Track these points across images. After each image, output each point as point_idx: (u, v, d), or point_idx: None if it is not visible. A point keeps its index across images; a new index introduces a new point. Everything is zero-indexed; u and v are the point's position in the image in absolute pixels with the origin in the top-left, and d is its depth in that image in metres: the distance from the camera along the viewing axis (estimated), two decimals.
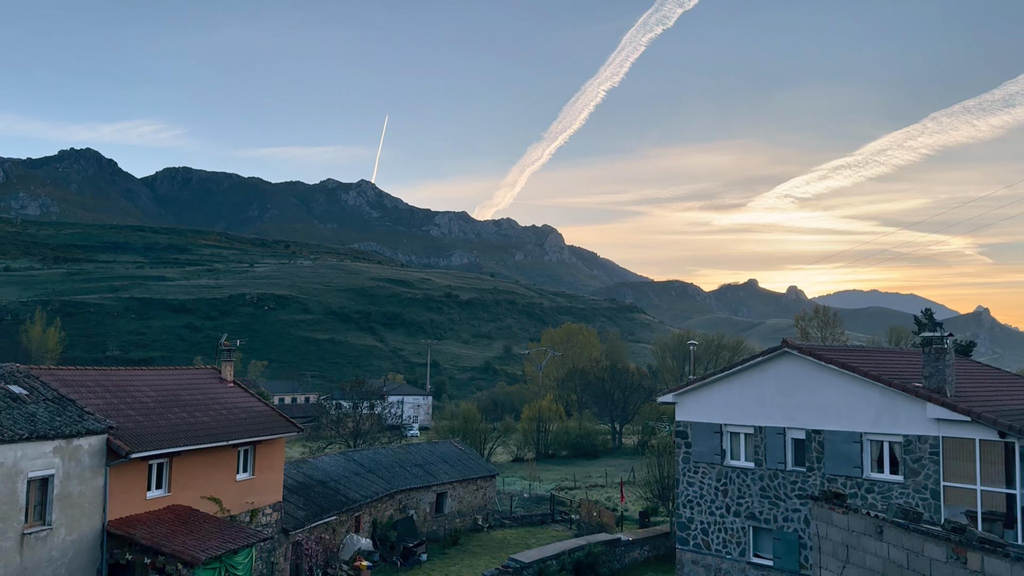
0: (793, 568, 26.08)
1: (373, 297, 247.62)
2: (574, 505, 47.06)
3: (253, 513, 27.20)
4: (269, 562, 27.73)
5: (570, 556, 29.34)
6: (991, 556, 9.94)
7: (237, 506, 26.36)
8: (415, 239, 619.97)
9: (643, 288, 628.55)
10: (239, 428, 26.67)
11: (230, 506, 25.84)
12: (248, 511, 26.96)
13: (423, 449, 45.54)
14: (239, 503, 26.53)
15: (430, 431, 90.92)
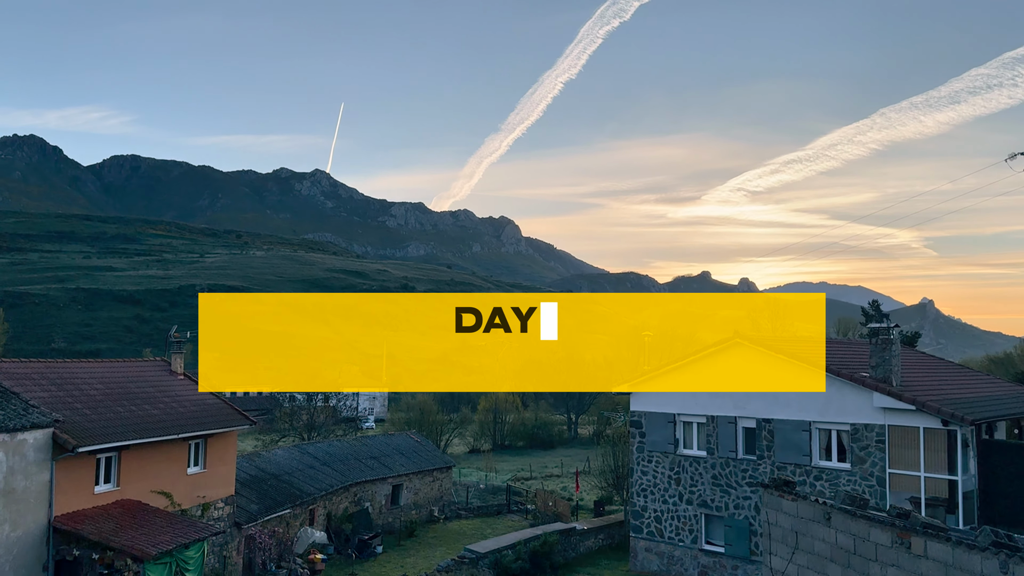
0: (744, 554, 26.60)
1: (328, 288, 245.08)
2: (530, 495, 47.30)
3: (205, 507, 26.81)
4: (222, 556, 27.37)
5: (525, 546, 29.49)
6: (933, 540, 10.25)
7: (188, 500, 25.96)
8: (371, 230, 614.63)
9: (599, 280, 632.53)
10: (190, 421, 26.23)
11: (181, 500, 25.43)
12: (200, 505, 26.56)
13: (379, 441, 45.30)
14: (190, 497, 26.12)
15: (386, 423, 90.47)
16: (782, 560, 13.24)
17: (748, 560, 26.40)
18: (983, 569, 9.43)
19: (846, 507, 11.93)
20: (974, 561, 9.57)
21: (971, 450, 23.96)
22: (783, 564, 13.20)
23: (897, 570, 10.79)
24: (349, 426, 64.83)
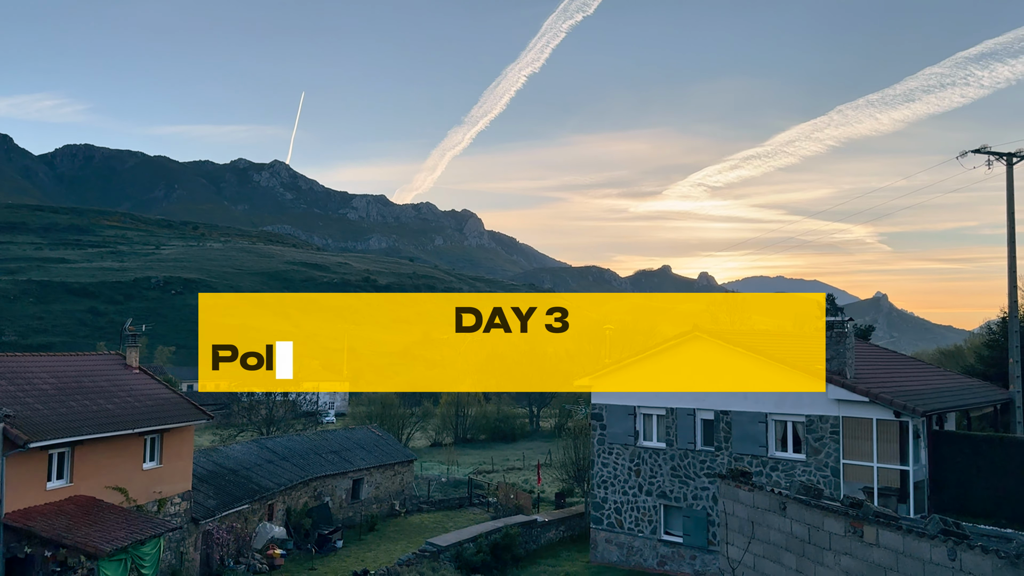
0: (702, 544, 26.97)
1: (287, 281, 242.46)
2: (492, 488, 47.39)
3: (161, 503, 26.41)
4: (178, 552, 27.00)
5: (487, 538, 29.55)
6: (885, 529, 10.51)
7: (144, 496, 25.54)
8: (332, 222, 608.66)
9: (561, 273, 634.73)
10: (145, 416, 25.80)
11: (137, 496, 25.02)
12: (156, 501, 26.16)
13: (339, 435, 45.01)
14: (146, 493, 25.71)
15: (347, 417, 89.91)
16: (739, 549, 13.47)
17: (706, 550, 26.78)
18: (932, 556, 9.69)
19: (801, 497, 12.17)
20: (924, 549, 9.83)
21: (922, 441, 24.57)
22: (740, 553, 13.43)
23: (850, 558, 11.04)
24: (309, 420, 64.21)
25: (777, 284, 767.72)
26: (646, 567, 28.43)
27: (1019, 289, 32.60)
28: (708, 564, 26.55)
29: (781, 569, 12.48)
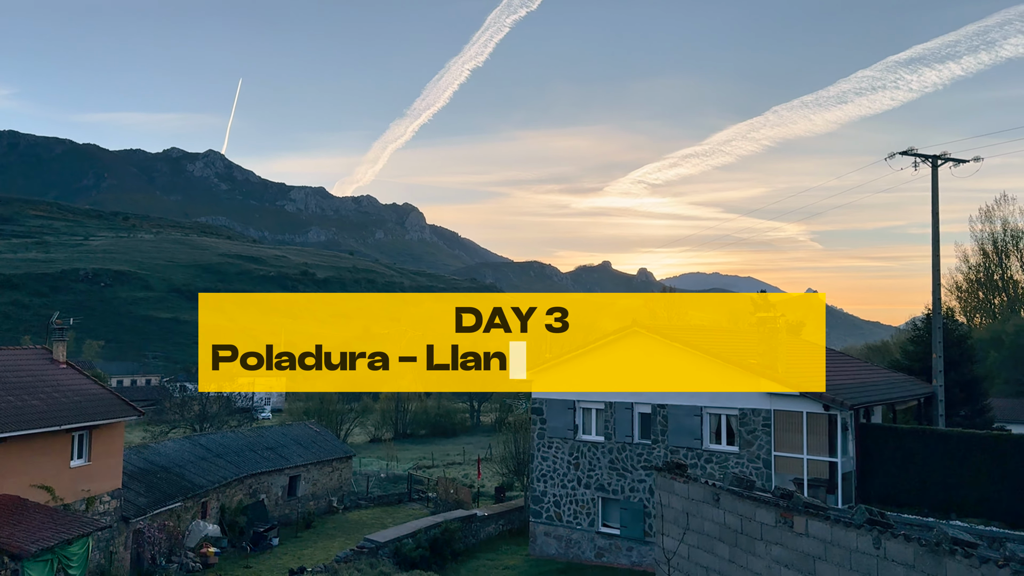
0: (638, 536, 27.41)
1: (222, 274, 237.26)
2: (431, 483, 47.28)
3: (89, 501, 25.62)
4: (108, 552, 26.24)
5: (426, 533, 29.51)
6: (814, 519, 10.85)
7: (71, 494, 24.75)
8: (268, 214, 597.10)
9: (503, 268, 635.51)
10: (73, 412, 24.97)
11: (63, 494, 24.23)
12: (84, 499, 25.36)
13: (275, 432, 44.31)
14: (74, 491, 24.92)
15: (284, 413, 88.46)
16: (674, 540, 13.73)
17: (642, 541, 27.23)
18: (858, 545, 10.04)
19: (734, 489, 12.47)
20: (850, 538, 10.18)
21: (850, 433, 25.40)
22: (675, 544, 13.69)
23: (781, 548, 11.37)
24: (244, 416, 63.07)
25: (713, 280, 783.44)
26: (584, 559, 28.76)
27: (943, 287, 33.92)
28: (644, 555, 27.00)
29: (715, 559, 12.78)
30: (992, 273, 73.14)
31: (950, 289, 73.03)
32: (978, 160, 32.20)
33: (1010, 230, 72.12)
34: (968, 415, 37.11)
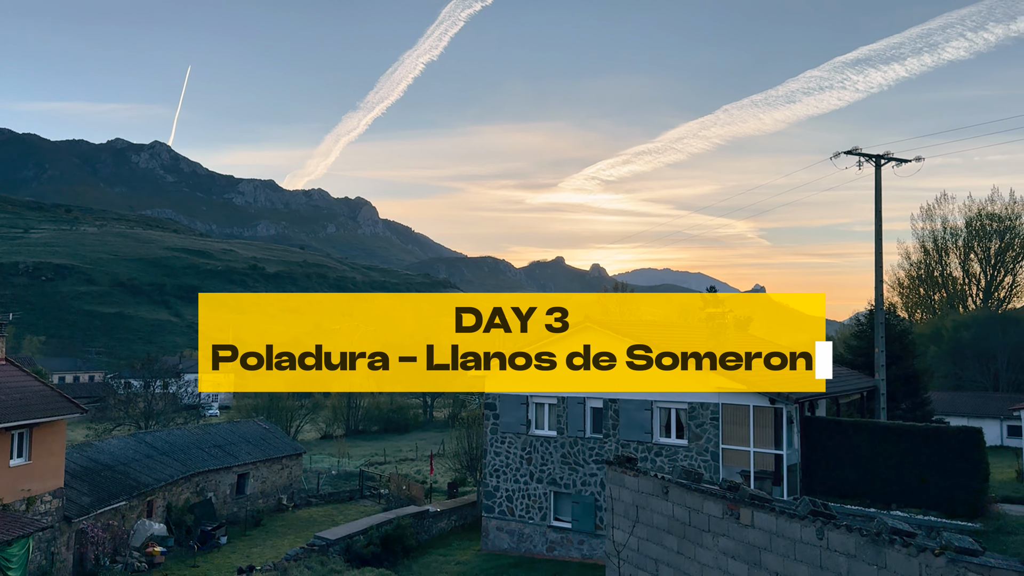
0: (589, 529, 27.67)
1: (168, 268, 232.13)
2: (383, 480, 47.04)
3: (30, 501, 24.91)
4: (49, 552, 25.55)
5: (378, 530, 29.35)
6: (759, 511, 11.08)
7: (11, 494, 24.03)
8: (216, 207, 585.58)
9: (457, 263, 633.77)
10: (11, 410, 24.22)
11: (3, 494, 23.53)
12: (24, 499, 24.65)
13: (223, 429, 43.61)
14: (13, 491, 24.19)
15: (232, 410, 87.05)
16: (624, 533, 13.89)
17: (593, 535, 27.49)
18: (802, 536, 10.29)
19: (682, 481, 12.66)
20: (794, 529, 10.42)
21: (795, 426, 25.97)
22: (624, 537, 13.85)
23: (727, 539, 11.58)
24: (191, 414, 61.94)
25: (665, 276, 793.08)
26: (536, 553, 28.93)
27: (885, 283, 34.86)
28: (595, 548, 27.26)
29: (663, 551, 12.97)
30: (932, 270, 75.43)
31: (892, 285, 75.16)
32: (919, 160, 33.14)
33: (950, 228, 74.49)
34: (909, 408, 38.26)
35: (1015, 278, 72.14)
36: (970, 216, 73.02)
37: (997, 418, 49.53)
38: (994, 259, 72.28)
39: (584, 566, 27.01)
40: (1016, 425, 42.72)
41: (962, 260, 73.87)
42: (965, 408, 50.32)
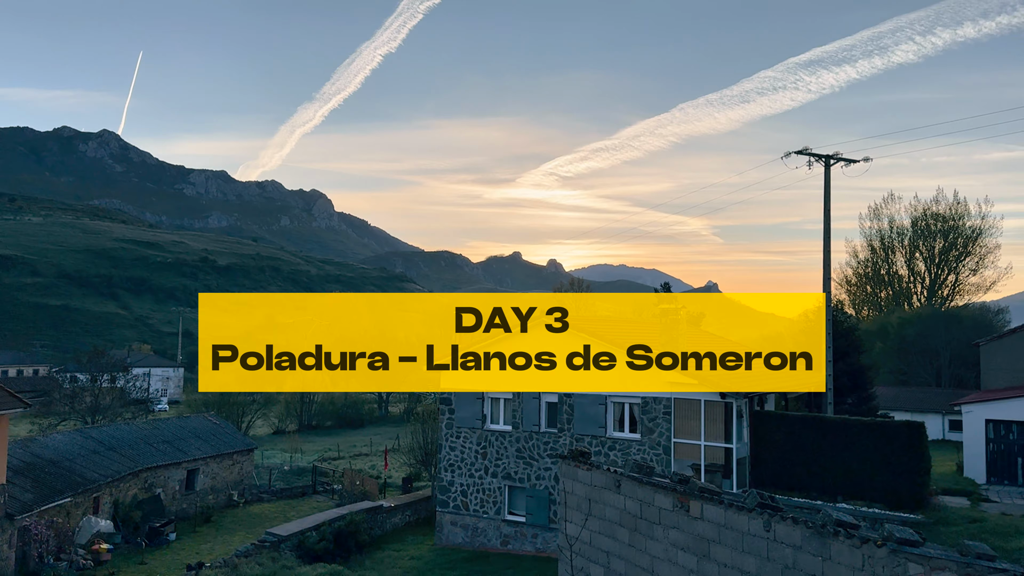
0: (543, 522, 27.83)
1: (116, 260, 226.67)
2: (337, 475, 46.66)
3: None
4: None
5: (330, 526, 29.12)
6: (709, 503, 11.26)
7: None
8: (167, 198, 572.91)
9: (413, 258, 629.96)
10: None
11: None
12: None
13: (172, 424, 42.83)
14: None
15: (181, 405, 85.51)
16: (576, 526, 14.01)
17: (547, 528, 27.66)
18: (750, 528, 10.49)
19: (634, 475, 12.81)
20: (743, 521, 10.62)
21: (745, 420, 26.44)
22: (577, 530, 13.97)
23: (678, 531, 11.76)
24: (139, 408, 60.66)
25: (620, 272, 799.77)
26: (490, 547, 29.00)
27: (833, 281, 35.64)
28: (549, 542, 27.43)
29: (615, 543, 13.11)
30: (879, 268, 77.29)
31: (840, 283, 76.88)
32: (868, 160, 33.93)
33: (896, 227, 76.38)
34: (855, 403, 39.20)
35: (958, 277, 74.29)
36: (916, 216, 74.97)
37: (939, 413, 51.01)
38: (938, 258, 74.33)
39: (538, 559, 27.16)
40: (957, 420, 44.04)
41: (908, 259, 75.81)
42: (909, 403, 51.71)
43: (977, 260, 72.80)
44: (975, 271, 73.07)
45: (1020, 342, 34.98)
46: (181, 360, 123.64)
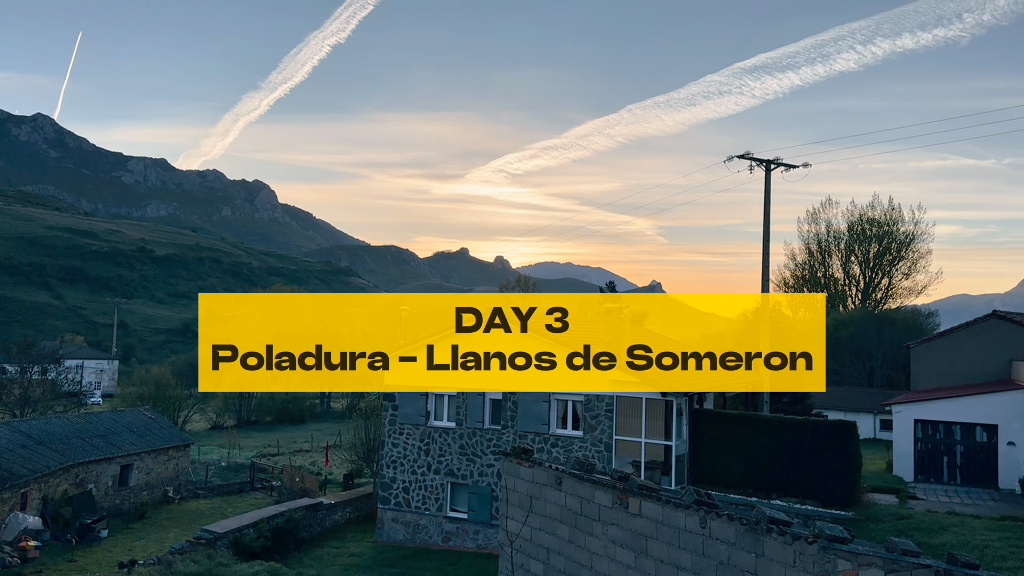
0: (485, 519, 27.89)
1: (49, 248, 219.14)
2: (276, 471, 45.98)
3: None
4: None
5: (268, 523, 28.69)
6: (647, 500, 11.43)
7: None
8: (103, 185, 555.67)
9: (359, 252, 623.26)
10: None
11: None
12: None
13: (106, 418, 41.66)
14: None
15: (115, 398, 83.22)
16: (517, 523, 14.08)
17: (489, 524, 27.72)
18: (687, 525, 10.67)
19: (575, 472, 12.93)
20: (679, 518, 10.80)
21: (684, 418, 26.90)
22: (518, 527, 14.04)
23: (616, 528, 11.90)
24: (71, 402, 58.79)
25: (566, 270, 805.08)
26: (431, 544, 28.94)
27: (772, 282, 36.43)
28: (491, 538, 27.50)
29: (555, 540, 13.22)
30: (816, 271, 79.25)
31: (778, 284, 78.61)
32: (807, 166, 34.79)
33: (833, 232, 78.41)
34: (790, 402, 40.16)
35: (891, 280, 76.63)
36: (852, 220, 77.06)
37: (871, 412, 52.65)
38: (872, 262, 76.56)
39: (479, 556, 27.21)
40: (888, 419, 45.50)
41: (843, 262, 77.90)
42: (842, 403, 53.22)
43: (909, 265, 75.19)
44: (907, 275, 75.47)
45: (948, 345, 36.29)
46: (116, 352, 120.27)
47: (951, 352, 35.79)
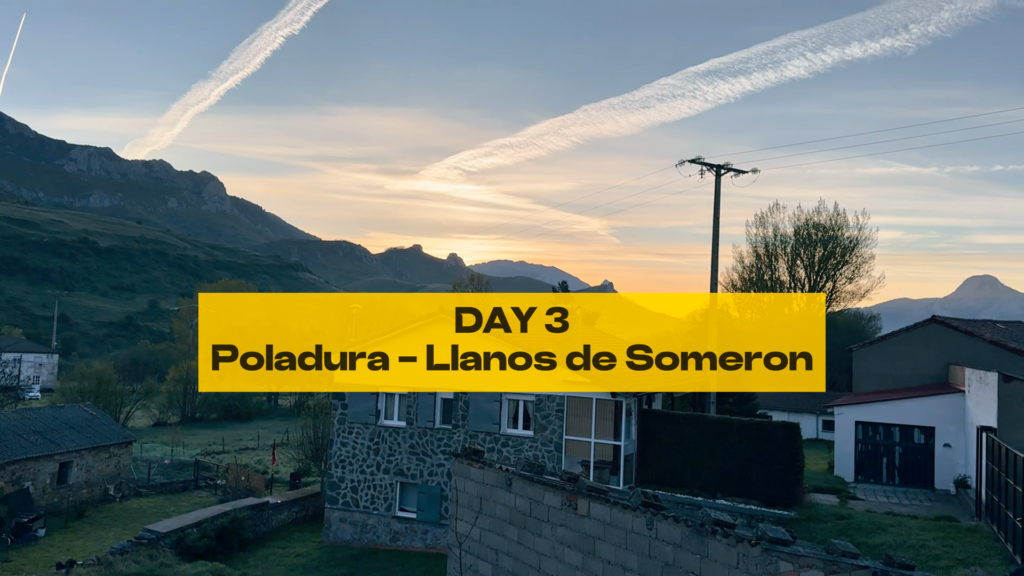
0: (434, 519, 27.83)
1: None
2: (221, 470, 45.19)
3: None
4: None
5: (212, 523, 28.19)
6: (596, 502, 11.54)
7: None
8: (45, 174, 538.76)
9: (310, 247, 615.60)
10: None
11: None
12: None
13: (44, 414, 40.45)
14: None
15: (55, 393, 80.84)
16: (467, 524, 14.08)
17: (438, 524, 27.66)
18: (634, 526, 10.81)
19: (525, 473, 12.98)
20: (627, 519, 10.93)
21: (633, 418, 27.19)
22: (468, 528, 14.05)
23: (565, 529, 11.99)
24: (8, 397, 57.03)
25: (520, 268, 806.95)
26: (379, 544, 28.77)
27: (720, 284, 37.04)
28: (439, 538, 27.45)
29: (504, 541, 13.26)
30: (763, 273, 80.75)
31: (727, 286, 79.91)
32: (755, 172, 35.44)
33: (780, 235, 79.99)
34: (736, 403, 40.90)
35: (835, 284, 78.47)
36: (798, 225, 78.66)
37: (814, 413, 53.88)
38: (817, 266, 78.29)
39: (427, 556, 27.13)
40: (830, 420, 46.61)
41: (790, 265, 79.50)
42: (786, 404, 54.34)
43: (853, 269, 77.05)
44: (851, 279, 77.32)
45: (889, 348, 37.32)
46: (56, 346, 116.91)
47: (892, 355, 36.82)
